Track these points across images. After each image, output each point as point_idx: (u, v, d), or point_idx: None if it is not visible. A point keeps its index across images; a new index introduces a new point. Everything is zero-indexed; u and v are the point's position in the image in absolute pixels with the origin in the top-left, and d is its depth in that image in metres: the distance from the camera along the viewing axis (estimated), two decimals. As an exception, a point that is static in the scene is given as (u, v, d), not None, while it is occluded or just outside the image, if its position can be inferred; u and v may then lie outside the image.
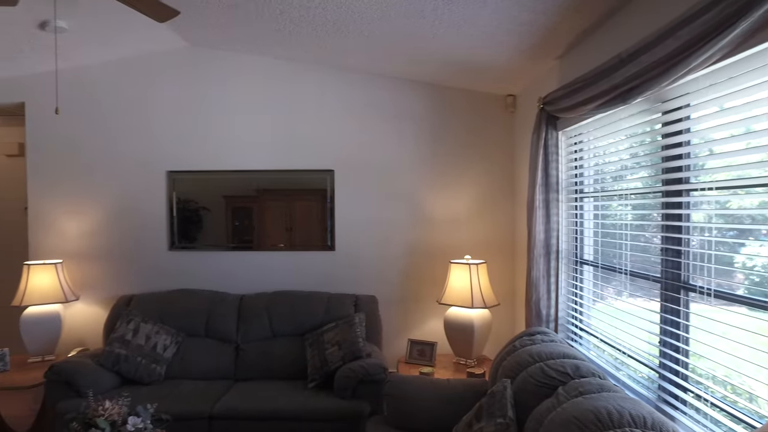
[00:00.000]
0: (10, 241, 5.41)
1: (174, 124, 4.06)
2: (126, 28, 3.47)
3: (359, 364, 3.10)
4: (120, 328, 3.50)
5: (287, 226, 4.03)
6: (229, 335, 3.66)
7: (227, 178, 4.03)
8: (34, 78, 4.08)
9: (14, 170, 5.41)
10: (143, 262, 4.08)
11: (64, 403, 3.04)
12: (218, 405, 3.02)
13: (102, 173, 4.09)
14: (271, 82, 4.01)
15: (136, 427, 2.09)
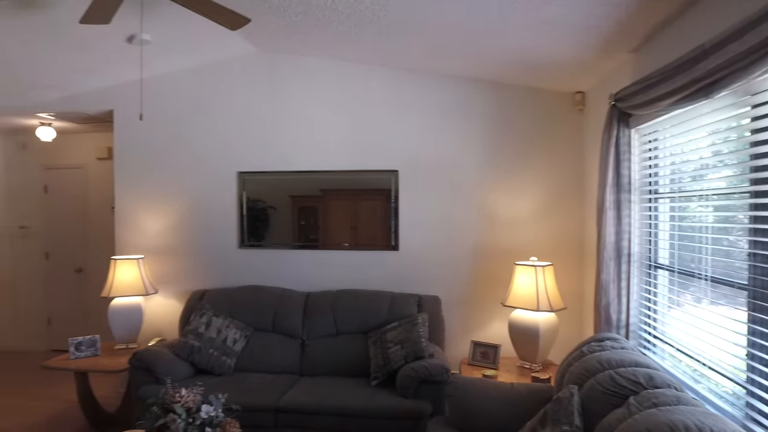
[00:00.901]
0: (101, 237, 5.86)
1: (244, 126, 4.24)
2: (201, 37, 3.66)
3: (422, 364, 3.10)
4: (194, 321, 3.69)
5: (352, 226, 4.10)
6: (295, 331, 3.78)
7: (294, 179, 4.16)
8: (121, 87, 4.40)
9: (103, 172, 5.86)
10: (215, 259, 4.29)
11: (146, 388, 3.25)
12: (284, 398, 3.12)
13: (179, 174, 4.34)
14: (337, 84, 4.10)
15: (208, 414, 2.21)
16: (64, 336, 5.93)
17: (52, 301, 6.02)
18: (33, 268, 6.09)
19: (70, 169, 5.97)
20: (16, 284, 6.14)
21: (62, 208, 6.00)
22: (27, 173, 6.11)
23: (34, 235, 6.08)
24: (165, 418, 2.15)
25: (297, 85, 4.15)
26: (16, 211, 6.14)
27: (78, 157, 5.94)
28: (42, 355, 5.86)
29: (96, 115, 4.74)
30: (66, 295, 5.97)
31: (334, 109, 4.11)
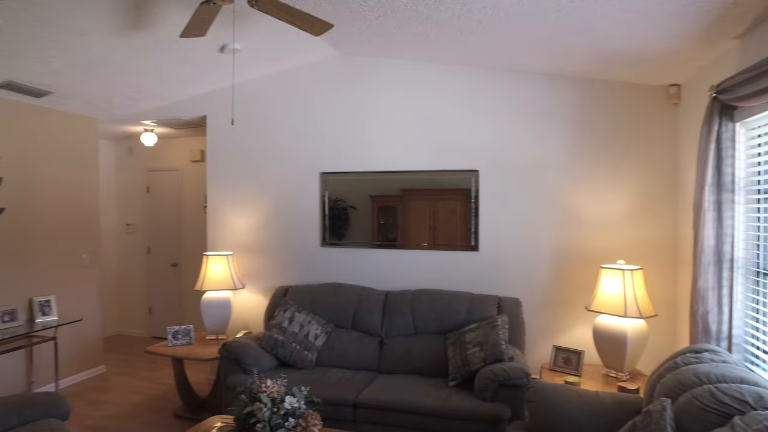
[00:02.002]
0: (194, 234, 6.28)
1: (327, 128, 4.37)
2: (287, 43, 3.82)
3: (501, 366, 3.04)
4: (278, 315, 3.86)
5: (430, 225, 4.10)
6: (374, 329, 3.84)
7: (374, 179, 4.23)
8: (213, 94, 4.70)
9: (197, 174, 6.27)
10: (298, 257, 4.46)
11: (234, 377, 3.45)
12: (363, 394, 3.18)
13: (266, 175, 4.56)
14: (417, 84, 4.12)
15: (292, 405, 2.30)
16: (163, 324, 6.44)
17: (152, 292, 6.55)
18: (137, 262, 6.65)
19: (168, 171, 6.46)
20: (123, 276, 6.74)
21: (161, 207, 6.50)
22: (133, 175, 6.69)
23: (138, 231, 6.65)
24: (252, 406, 2.27)
25: (377, 87, 4.22)
26: (123, 210, 6.75)
27: (174, 159, 6.41)
28: (144, 340, 6.41)
29: (191, 121, 5.10)
30: (164, 287, 6.47)
31: (414, 109, 4.13)
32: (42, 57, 3.47)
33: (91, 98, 4.47)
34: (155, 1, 2.88)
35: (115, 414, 4.09)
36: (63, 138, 4.77)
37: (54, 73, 3.78)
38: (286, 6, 2.45)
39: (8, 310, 4.18)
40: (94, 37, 3.25)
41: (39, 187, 4.53)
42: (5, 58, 3.42)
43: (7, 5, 2.72)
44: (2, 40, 3.16)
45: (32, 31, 3.08)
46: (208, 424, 2.75)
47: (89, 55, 3.52)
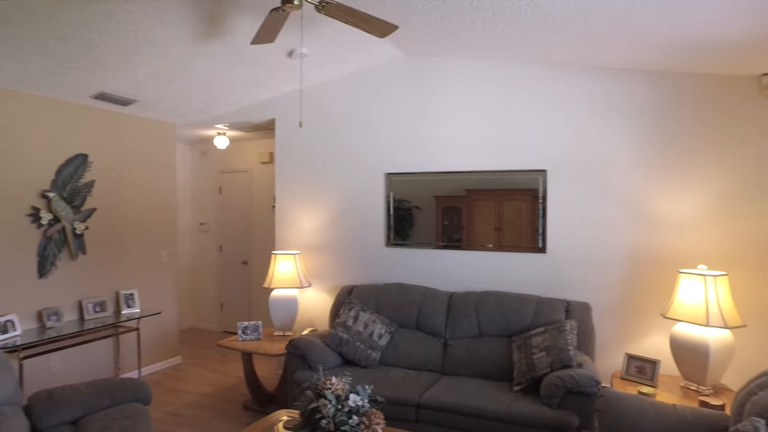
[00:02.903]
0: (263, 233, 6.52)
1: (392, 129, 4.40)
2: (352, 46, 3.88)
3: (569, 373, 2.93)
4: (343, 314, 3.93)
5: (496, 226, 4.03)
6: (438, 330, 3.82)
7: (438, 179, 4.21)
8: (281, 98, 4.85)
9: (266, 175, 6.50)
10: (363, 256, 4.52)
11: (299, 373, 3.54)
12: (426, 395, 3.18)
13: (332, 176, 4.66)
14: (482, 83, 4.06)
15: (356, 403, 2.33)
16: (233, 319, 6.73)
17: (223, 288, 6.86)
18: (210, 260, 6.99)
19: (239, 172, 6.74)
20: (197, 273, 7.11)
21: (232, 207, 6.80)
22: (206, 177, 7.04)
23: (211, 230, 6.98)
24: (317, 402, 2.32)
25: (442, 87, 4.20)
26: (197, 210, 7.11)
27: (244, 161, 6.69)
28: (216, 334, 6.72)
29: (260, 124, 5.30)
30: (234, 283, 6.75)
31: (479, 109, 4.08)
32: (129, 68, 3.73)
33: (171, 105, 4.75)
34: (228, 11, 3.01)
35: (189, 402, 4.32)
36: (145, 143, 5.10)
37: (139, 83, 4.05)
38: (352, 10, 2.49)
39: (99, 301, 4.53)
40: (175, 48, 3.45)
41: (124, 189, 4.87)
42: (98, 70, 3.71)
43: (101, 23, 2.94)
44: (96, 55, 3.42)
45: (121, 45, 3.31)
46: (275, 417, 2.85)
47: (170, 64, 3.74)
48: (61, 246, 4.28)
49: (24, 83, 3.82)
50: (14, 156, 3.95)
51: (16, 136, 3.96)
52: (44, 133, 4.16)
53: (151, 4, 2.82)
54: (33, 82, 3.83)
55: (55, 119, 4.25)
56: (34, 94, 4.07)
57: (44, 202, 4.15)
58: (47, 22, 2.91)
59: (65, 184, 4.30)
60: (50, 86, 3.94)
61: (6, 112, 3.89)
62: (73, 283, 4.39)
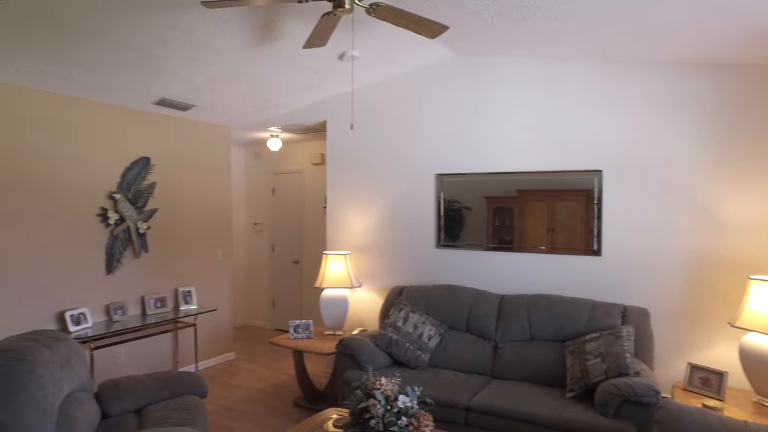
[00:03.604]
0: (314, 233, 6.63)
1: (442, 130, 4.38)
2: (402, 47, 3.89)
3: (625, 381, 2.82)
4: (392, 315, 3.95)
5: (549, 228, 3.93)
6: (489, 333, 3.77)
7: (489, 180, 4.15)
8: (333, 100, 4.93)
9: (317, 176, 6.62)
10: (413, 257, 4.52)
11: (349, 372, 3.58)
12: (475, 398, 3.14)
13: (382, 177, 4.68)
14: (534, 82, 3.97)
15: (405, 404, 2.34)
16: (285, 317, 6.89)
17: (276, 287, 7.03)
18: (262, 259, 7.19)
19: (291, 173, 6.89)
20: (250, 272, 7.32)
21: (284, 207, 6.96)
22: (259, 178, 7.24)
23: (264, 230, 7.18)
24: (367, 402, 2.34)
25: (493, 86, 4.14)
26: (251, 211, 7.33)
27: (297, 163, 6.83)
28: (268, 332, 6.90)
29: (312, 126, 5.40)
30: (286, 282, 6.91)
31: (531, 108, 3.99)
32: (188, 75, 3.89)
33: (226, 109, 4.92)
34: (280, 17, 3.09)
35: (242, 397, 4.46)
36: (202, 146, 5.30)
37: (197, 88, 4.22)
38: (402, 12, 2.49)
39: (160, 297, 4.75)
40: (230, 54, 3.57)
41: (183, 190, 5.09)
42: (160, 78, 3.89)
43: (163, 33, 3.09)
44: (158, 63, 3.59)
45: (181, 53, 3.46)
46: (325, 415, 2.89)
47: (226, 70, 3.88)
48: (126, 244, 4.52)
49: (93, 92, 4.06)
50: (85, 160, 4.21)
51: (86, 141, 4.22)
52: (111, 138, 4.41)
53: (210, 13, 2.93)
54: (101, 91, 4.06)
55: (121, 125, 4.49)
56: (102, 101, 4.32)
57: (111, 203, 4.40)
58: (114, 33, 3.08)
59: (130, 186, 4.54)
60: (117, 94, 4.17)
61: (77, 119, 4.15)
62: (136, 279, 4.63)
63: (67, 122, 4.09)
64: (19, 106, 3.77)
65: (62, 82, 3.79)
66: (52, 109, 3.97)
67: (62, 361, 2.54)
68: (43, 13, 2.73)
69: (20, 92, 3.78)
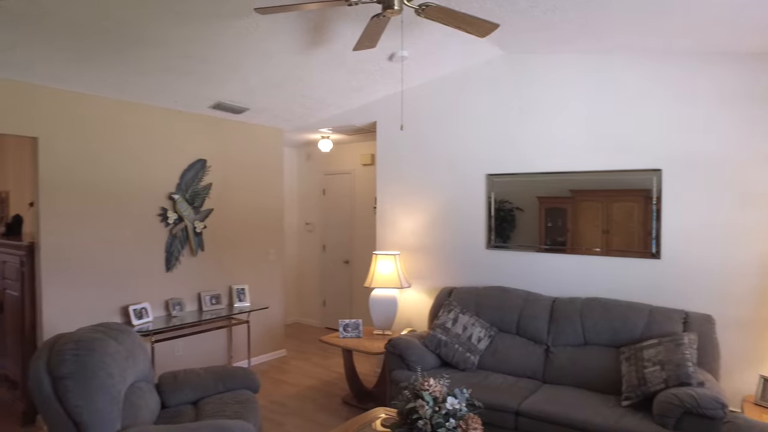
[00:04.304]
0: (364, 233, 6.69)
1: (493, 129, 4.31)
2: (452, 47, 3.87)
3: (687, 391, 2.68)
4: (442, 316, 3.92)
5: (604, 229, 3.80)
6: (540, 336, 3.68)
7: (541, 180, 4.06)
8: (382, 101, 4.96)
9: (367, 176, 6.67)
10: (463, 258, 4.48)
11: (398, 372, 3.59)
12: (525, 402, 3.08)
13: (432, 177, 4.67)
14: (588, 78, 3.84)
15: (453, 406, 2.32)
16: (335, 316, 6.98)
17: (326, 286, 7.14)
18: (313, 258, 7.31)
19: (341, 174, 6.98)
20: (302, 271, 7.47)
21: (335, 208, 7.05)
22: (311, 179, 7.38)
23: (315, 230, 7.31)
24: (415, 403, 2.34)
25: (545, 84, 4.04)
26: (303, 211, 7.48)
27: (347, 164, 6.91)
28: (319, 330, 7.01)
29: (362, 127, 5.45)
30: (336, 282, 7.00)
31: (586, 105, 3.87)
32: (241, 79, 4.02)
33: (279, 111, 5.04)
34: (331, 20, 3.14)
35: (293, 393, 4.55)
36: (255, 148, 5.45)
37: (250, 91, 4.35)
38: (452, 11, 2.48)
39: (215, 294, 4.93)
40: (282, 57, 3.66)
41: (237, 191, 5.25)
42: (216, 83, 4.04)
43: (218, 39, 3.21)
44: (215, 69, 3.73)
45: (236, 58, 3.58)
46: (373, 414, 2.91)
47: (277, 73, 3.98)
48: (183, 243, 4.72)
49: (153, 97, 4.26)
50: (147, 163, 4.42)
51: (148, 144, 4.43)
52: (170, 141, 4.62)
53: (263, 19, 3.02)
54: (161, 96, 4.26)
55: (179, 129, 4.69)
56: (162, 106, 4.53)
57: (170, 203, 4.60)
58: (173, 42, 3.22)
59: (187, 187, 4.74)
60: (175, 99, 4.36)
61: (139, 124, 4.37)
62: (193, 276, 4.82)
63: (130, 127, 4.31)
64: (85, 112, 4.01)
65: (125, 89, 4.00)
66: (115, 115, 4.20)
67: (127, 352, 2.68)
68: (106, 25, 2.90)
69: (86, 99, 4.02)
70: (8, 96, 3.57)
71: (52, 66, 3.41)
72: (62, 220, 3.86)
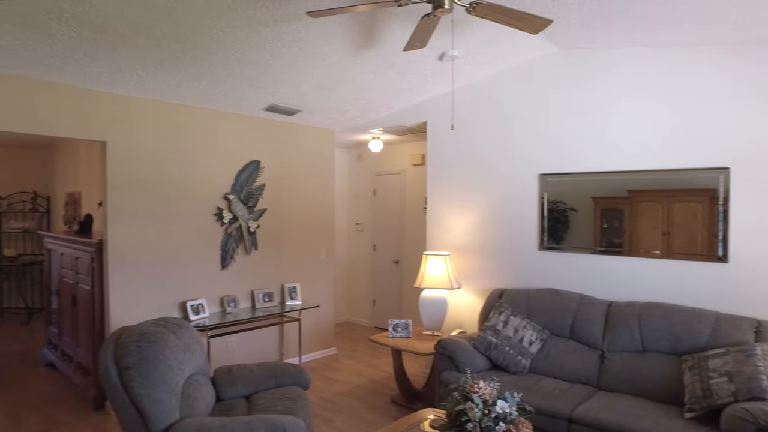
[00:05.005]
0: (414, 234, 6.69)
1: (546, 128, 4.21)
2: (503, 44, 3.80)
3: (761, 407, 2.51)
4: (492, 317, 3.86)
5: (664, 231, 3.62)
6: (594, 341, 3.56)
7: (597, 179, 3.92)
8: (432, 101, 4.94)
9: (417, 177, 6.66)
10: (514, 259, 4.39)
11: (447, 374, 3.57)
12: (579, 409, 2.98)
13: (482, 177, 4.61)
14: (648, 73, 3.68)
15: (503, 410, 2.28)
16: (384, 316, 7.01)
17: (376, 285, 7.18)
18: (364, 258, 7.38)
19: (392, 174, 7.00)
20: (352, 270, 7.55)
21: (385, 208, 7.09)
22: (361, 179, 7.44)
23: (365, 230, 7.37)
24: (464, 405, 2.32)
25: (601, 80, 3.90)
26: (353, 211, 7.56)
27: (397, 164, 6.92)
28: (368, 329, 7.06)
29: (413, 127, 5.45)
30: (386, 281, 7.03)
31: (645, 101, 3.70)
32: (295, 82, 4.11)
33: (330, 113, 5.12)
34: (381, 21, 3.16)
35: (342, 391, 4.61)
36: (307, 149, 5.56)
37: (302, 94, 4.45)
38: (504, 8, 2.44)
39: (267, 292, 5.07)
40: (334, 59, 3.72)
41: (289, 191, 5.38)
42: (270, 86, 4.15)
43: (274, 43, 3.30)
44: (269, 73, 3.84)
45: (289, 61, 3.67)
46: (422, 415, 2.90)
47: (330, 75, 4.04)
48: (238, 242, 4.88)
49: (212, 101, 4.43)
50: (204, 164, 4.60)
51: (205, 147, 4.61)
52: (226, 143, 4.78)
53: (316, 22, 3.08)
54: (220, 100, 4.42)
55: (235, 131, 4.85)
56: (219, 109, 4.69)
57: (226, 203, 4.76)
58: (232, 48, 3.34)
59: (242, 188, 4.89)
60: (232, 102, 4.51)
61: (197, 127, 4.55)
62: (247, 274, 4.98)
63: (189, 130, 4.50)
64: (149, 117, 4.22)
65: (184, 94, 4.18)
66: (175, 119, 4.40)
67: (185, 346, 2.80)
68: (166, 33, 3.03)
69: (149, 105, 4.22)
70: (79, 103, 3.81)
71: (118, 74, 3.61)
72: (127, 219, 4.08)
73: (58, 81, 3.67)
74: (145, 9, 2.73)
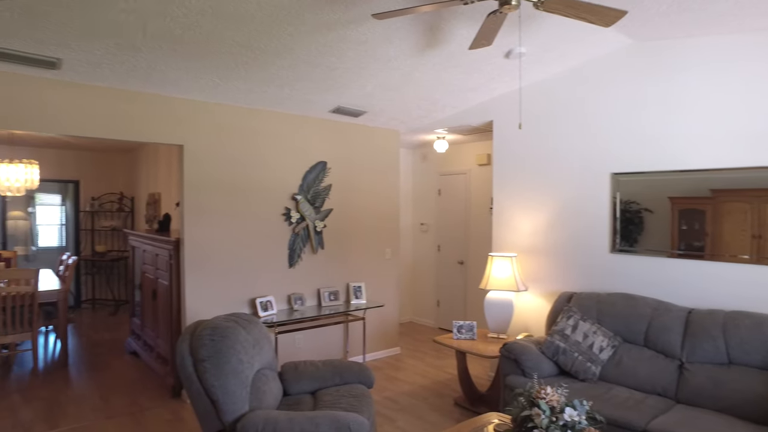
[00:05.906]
0: (479, 234, 6.60)
1: (619, 125, 4.01)
2: (573, 39, 3.66)
3: None
4: (560, 322, 3.73)
5: (753, 234, 3.35)
6: (672, 350, 3.35)
7: (675, 179, 3.69)
8: (498, 99, 4.85)
9: (483, 176, 6.56)
10: (584, 262, 4.22)
11: (512, 378, 3.49)
12: (655, 422, 2.81)
13: (551, 176, 4.46)
14: (734, 62, 3.41)
15: (571, 418, 2.20)
16: (448, 317, 6.96)
17: (440, 286, 7.14)
18: (428, 258, 7.36)
19: (457, 174, 6.93)
20: (416, 270, 7.55)
21: (450, 208, 7.03)
22: (426, 179, 7.43)
23: (430, 230, 7.35)
24: (530, 411, 2.26)
25: (680, 73, 3.66)
26: (418, 211, 7.56)
27: (462, 164, 6.85)
28: (432, 330, 7.04)
29: (478, 127, 5.37)
30: (451, 282, 6.97)
31: (731, 94, 3.43)
32: (360, 83, 4.17)
33: (395, 113, 5.15)
34: (446, 20, 3.14)
35: (405, 391, 4.62)
36: (372, 149, 5.62)
37: (368, 95, 4.50)
38: (574, 1, 2.35)
39: (333, 291, 5.17)
40: (399, 61, 3.73)
41: (355, 192, 5.46)
42: (336, 88, 4.24)
43: (340, 46, 3.36)
44: (335, 75, 3.92)
45: (354, 63, 3.73)
46: (486, 419, 2.86)
47: (394, 76, 4.06)
48: (305, 241, 5.01)
49: (281, 104, 4.58)
50: (273, 165, 4.77)
51: (274, 148, 4.78)
52: (294, 144, 4.93)
53: (380, 24, 3.11)
54: (288, 103, 4.56)
55: (302, 132, 4.99)
56: (287, 112, 4.85)
57: (293, 203, 4.91)
58: (299, 52, 3.44)
59: (309, 188, 5.03)
60: (300, 105, 4.65)
61: (266, 129, 4.73)
62: (313, 273, 5.10)
63: (259, 132, 4.68)
64: (222, 120, 4.43)
65: (254, 98, 4.35)
66: (246, 122, 4.59)
67: (254, 341, 2.92)
68: (238, 39, 3.17)
69: (221, 109, 4.44)
70: (161, 109, 4.07)
71: (195, 81, 3.82)
72: (202, 219, 4.31)
73: (143, 91, 3.94)
74: (218, 19, 2.87)
